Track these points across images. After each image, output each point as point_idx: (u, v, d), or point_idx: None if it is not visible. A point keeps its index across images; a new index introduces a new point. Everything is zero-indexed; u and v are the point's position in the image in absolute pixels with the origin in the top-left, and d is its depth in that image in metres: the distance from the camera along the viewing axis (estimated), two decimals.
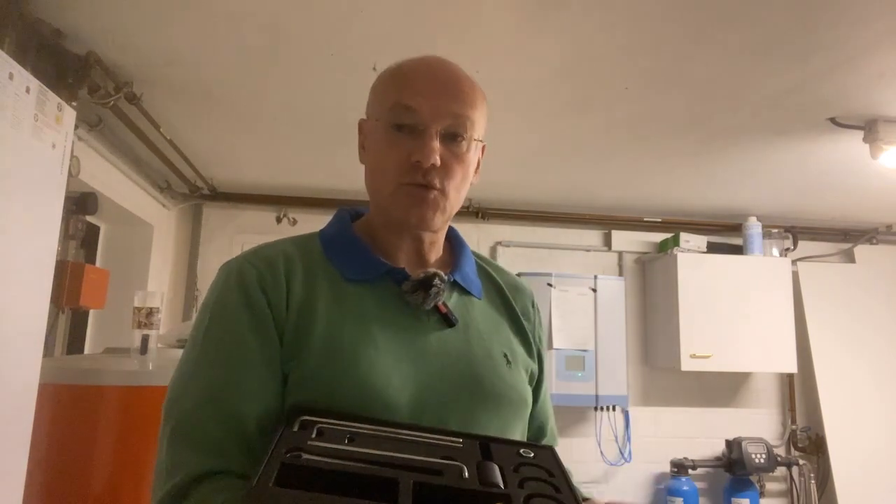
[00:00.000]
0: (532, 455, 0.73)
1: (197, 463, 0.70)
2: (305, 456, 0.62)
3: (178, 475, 0.70)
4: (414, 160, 0.80)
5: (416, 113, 0.81)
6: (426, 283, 0.83)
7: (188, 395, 0.75)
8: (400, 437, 0.70)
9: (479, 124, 0.87)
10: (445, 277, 0.85)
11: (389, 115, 0.83)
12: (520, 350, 0.91)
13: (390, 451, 0.66)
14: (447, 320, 0.84)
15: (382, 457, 0.64)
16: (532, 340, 0.95)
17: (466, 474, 0.64)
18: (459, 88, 0.85)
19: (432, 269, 0.85)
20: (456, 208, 0.88)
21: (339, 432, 0.69)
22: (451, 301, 0.87)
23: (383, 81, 0.88)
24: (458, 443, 0.72)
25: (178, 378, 0.78)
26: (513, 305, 0.95)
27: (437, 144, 0.80)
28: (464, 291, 0.90)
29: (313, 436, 0.67)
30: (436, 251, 0.92)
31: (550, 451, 0.75)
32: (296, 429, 0.69)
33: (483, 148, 0.93)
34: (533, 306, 0.99)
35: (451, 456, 0.68)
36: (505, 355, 0.87)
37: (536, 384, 0.95)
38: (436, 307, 0.84)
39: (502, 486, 0.64)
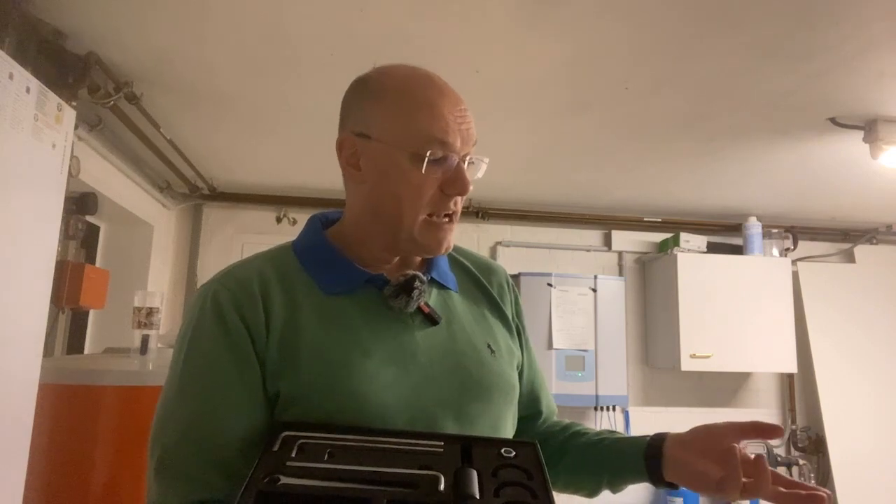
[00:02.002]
0: (513, 455, 0.73)
1: (181, 496, 0.72)
2: (283, 480, 0.63)
3: None
4: (451, 192, 0.82)
5: (451, 148, 0.81)
6: (407, 286, 0.83)
7: (168, 430, 0.76)
8: (381, 446, 0.70)
9: None
10: (424, 277, 0.85)
11: (421, 147, 0.80)
12: (502, 335, 0.93)
13: (369, 464, 0.66)
14: (431, 319, 0.85)
15: (359, 472, 0.64)
16: (510, 320, 0.96)
17: (442, 485, 0.64)
18: (470, 116, 0.85)
19: (411, 272, 0.85)
20: None
21: (319, 447, 0.69)
22: (432, 299, 0.88)
23: (399, 106, 0.82)
24: (440, 447, 0.72)
25: (159, 411, 0.79)
26: (488, 288, 0.97)
27: (469, 176, 0.83)
28: (441, 287, 0.91)
29: (293, 454, 0.68)
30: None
31: (532, 448, 0.75)
32: (277, 447, 0.69)
33: None
34: (507, 284, 1.01)
35: (429, 464, 0.67)
36: (488, 345, 0.88)
37: (522, 359, 0.97)
38: (418, 307, 0.85)
39: (477, 496, 0.63)
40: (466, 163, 0.84)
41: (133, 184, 2.88)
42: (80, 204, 2.47)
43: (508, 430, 0.89)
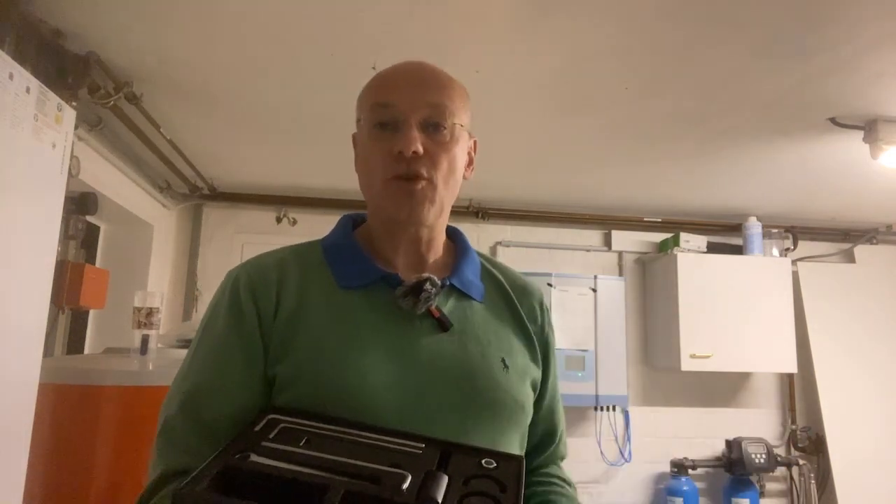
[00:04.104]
0: (494, 466, 0.71)
1: (171, 462, 0.75)
2: (253, 458, 0.64)
3: (156, 472, 0.75)
4: (396, 151, 0.81)
5: (393, 108, 0.83)
6: (417, 288, 0.83)
7: (174, 399, 0.80)
8: (359, 439, 0.70)
9: (461, 114, 0.87)
10: (438, 282, 0.84)
11: (370, 116, 0.85)
12: (521, 356, 0.90)
13: (341, 455, 0.66)
14: (441, 324, 0.84)
15: (327, 461, 0.65)
16: (536, 344, 0.93)
17: (406, 485, 0.63)
18: (434, 80, 0.87)
19: (426, 274, 0.84)
20: (448, 201, 0.88)
21: (299, 433, 0.70)
22: (448, 305, 0.87)
23: (364, 89, 0.90)
24: (419, 449, 0.71)
25: (173, 381, 0.83)
26: (517, 308, 0.94)
27: (416, 134, 0.81)
28: (463, 295, 0.89)
29: (271, 436, 0.68)
30: (434, 251, 0.91)
31: (516, 462, 0.73)
32: (258, 428, 0.70)
33: (475, 143, 0.94)
34: (541, 307, 0.97)
35: (401, 463, 0.67)
36: (503, 360, 0.86)
37: (541, 388, 0.94)
38: (429, 311, 0.84)
39: (438, 500, 0.62)
40: (417, 126, 0.82)
41: (133, 184, 2.88)
42: (80, 204, 2.47)
43: (509, 449, 0.84)
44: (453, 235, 0.98)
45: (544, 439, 0.96)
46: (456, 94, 0.87)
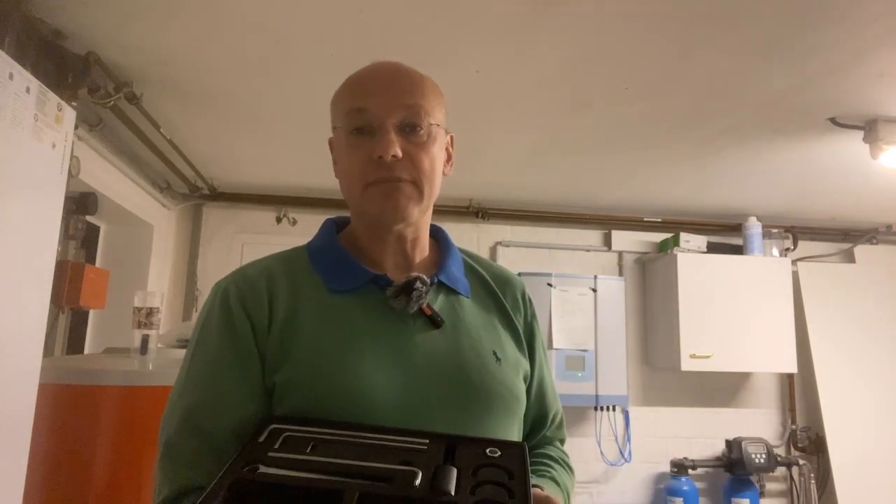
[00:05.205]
0: (498, 454, 0.73)
1: (178, 480, 0.75)
2: (262, 469, 0.64)
3: (164, 492, 0.75)
4: (375, 156, 0.81)
5: (368, 112, 0.83)
6: (408, 288, 0.83)
7: (172, 417, 0.80)
8: (365, 441, 0.71)
9: (436, 112, 0.87)
10: (427, 280, 0.85)
11: (346, 122, 0.85)
12: (510, 347, 0.92)
13: (349, 457, 0.66)
14: (433, 322, 0.85)
15: (337, 465, 0.65)
16: (522, 335, 0.95)
17: (418, 481, 0.64)
18: (407, 81, 0.87)
19: (415, 273, 0.85)
20: (431, 200, 0.88)
21: (303, 440, 0.70)
22: (438, 302, 0.88)
23: (338, 94, 0.90)
24: (424, 445, 0.72)
25: (169, 400, 0.83)
26: (502, 300, 0.96)
27: (393, 137, 0.82)
28: (451, 291, 0.91)
29: (276, 446, 0.69)
30: (420, 251, 0.92)
31: (519, 449, 0.74)
32: (262, 439, 0.70)
33: (452, 139, 0.94)
34: (523, 297, 0.99)
35: (410, 460, 0.68)
36: (494, 353, 0.87)
37: (529, 375, 0.96)
38: (420, 310, 0.85)
39: (452, 493, 0.63)
40: (394, 129, 0.82)
41: (133, 184, 2.88)
42: (80, 204, 2.47)
43: (508, 438, 0.86)
44: (436, 234, 0.99)
45: (535, 424, 0.98)
46: (429, 93, 0.87)
